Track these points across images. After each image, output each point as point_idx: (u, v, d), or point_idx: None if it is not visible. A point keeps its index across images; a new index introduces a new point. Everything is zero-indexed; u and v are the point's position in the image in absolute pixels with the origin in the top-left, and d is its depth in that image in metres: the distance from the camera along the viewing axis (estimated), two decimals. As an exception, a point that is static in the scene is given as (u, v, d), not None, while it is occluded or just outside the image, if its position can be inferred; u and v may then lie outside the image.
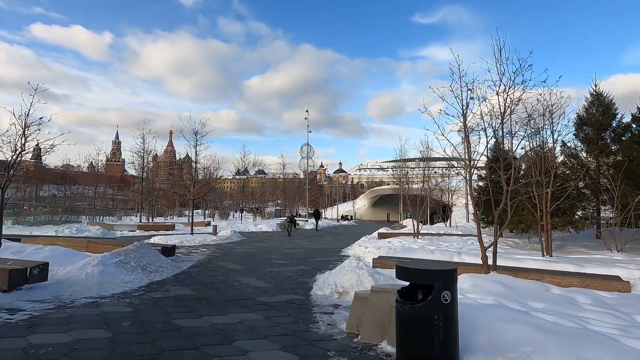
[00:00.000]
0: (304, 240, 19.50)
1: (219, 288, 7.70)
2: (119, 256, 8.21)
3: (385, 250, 11.82)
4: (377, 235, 19.21)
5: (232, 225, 27.30)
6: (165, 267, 9.06)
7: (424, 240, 15.81)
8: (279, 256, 12.92)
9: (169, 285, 7.83)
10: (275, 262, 11.55)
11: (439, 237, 17.66)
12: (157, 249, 10.42)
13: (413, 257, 10.61)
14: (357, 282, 7.31)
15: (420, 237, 16.72)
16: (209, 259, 11.83)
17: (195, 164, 18.36)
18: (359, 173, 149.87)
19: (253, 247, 15.91)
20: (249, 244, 17.31)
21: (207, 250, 14.37)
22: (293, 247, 16.22)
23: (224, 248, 15.21)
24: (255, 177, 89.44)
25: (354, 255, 13.33)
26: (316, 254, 13.71)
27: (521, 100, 8.03)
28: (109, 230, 20.76)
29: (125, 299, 6.61)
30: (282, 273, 9.58)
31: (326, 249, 15.47)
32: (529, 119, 10.50)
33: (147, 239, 17.24)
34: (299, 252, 14.34)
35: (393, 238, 17.05)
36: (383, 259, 9.66)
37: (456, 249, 13.47)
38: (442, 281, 3.59)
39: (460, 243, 15.96)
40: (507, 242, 17.60)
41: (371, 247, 13.59)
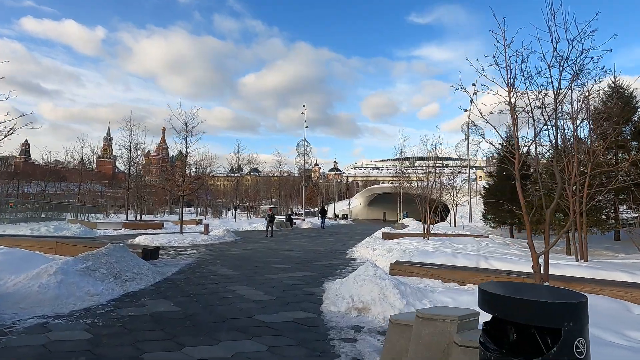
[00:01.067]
0: (303, 241, 18.08)
1: (208, 302, 6.26)
2: (85, 262, 6.73)
3: (399, 254, 10.46)
4: (382, 236, 17.86)
5: (225, 223, 25.80)
6: (144, 274, 7.60)
7: (435, 242, 14.48)
8: (278, 259, 11.50)
9: (147, 298, 6.36)
10: (275, 266, 10.12)
11: (450, 238, 16.35)
12: (137, 251, 8.94)
13: (434, 262, 9.26)
14: (380, 295, 5.91)
15: (430, 238, 15.39)
16: (198, 263, 10.37)
17: (185, 157, 16.86)
18: (353, 172, 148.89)
19: (248, 248, 14.46)
20: (244, 244, 15.85)
21: (197, 251, 12.89)
22: (292, 248, 14.80)
23: (216, 249, 13.74)
24: (249, 175, 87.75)
25: (361, 258, 11.96)
26: (319, 257, 12.31)
27: (582, 72, 6.62)
28: (92, 228, 19.17)
29: (86, 318, 5.15)
30: (284, 281, 8.15)
31: (329, 251, 14.07)
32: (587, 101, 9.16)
33: (132, 239, 15.72)
34: (299, 254, 12.93)
35: (401, 239, 15.70)
36: (402, 265, 8.29)
37: (473, 251, 12.17)
38: (573, 322, 2.18)
39: (475, 245, 14.67)
40: (522, 243, 16.35)
41: (380, 249, 12.21)
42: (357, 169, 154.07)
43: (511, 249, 14.21)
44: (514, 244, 16.01)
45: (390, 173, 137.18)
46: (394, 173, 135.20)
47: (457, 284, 7.48)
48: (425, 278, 7.76)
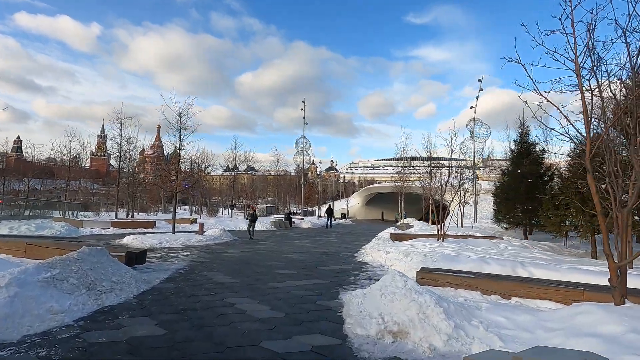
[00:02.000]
0: (305, 242, 16.84)
1: (203, 321, 5.02)
2: (51, 269, 5.46)
3: (419, 258, 9.26)
4: (390, 237, 16.66)
5: (221, 223, 24.50)
6: (126, 283, 6.34)
7: (451, 244, 13.31)
8: (281, 263, 10.26)
9: (126, 316, 5.11)
10: (278, 272, 8.89)
11: (464, 240, 15.19)
12: (119, 254, 7.67)
13: (463, 268, 8.07)
14: (420, 315, 4.70)
15: (445, 240, 14.21)
16: (191, 268, 9.10)
17: (179, 150, 15.57)
18: (350, 171, 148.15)
19: (247, 249, 13.21)
20: (242, 245, 14.59)
21: (191, 253, 11.62)
22: (295, 250, 13.56)
23: (211, 251, 12.48)
24: (246, 174, 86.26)
25: (374, 262, 10.76)
26: (327, 261, 11.08)
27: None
28: (77, 227, 17.82)
29: (41, 348, 3.90)
30: (292, 291, 6.92)
31: (336, 254, 12.85)
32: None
33: (120, 239, 14.42)
34: (304, 257, 11.70)
35: (412, 241, 14.51)
36: (431, 273, 7.07)
37: (496, 254, 11.01)
38: None
39: (494, 247, 13.51)
40: (541, 246, 15.22)
41: (394, 252, 11.01)
42: (354, 168, 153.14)
43: (533, 252, 13.06)
44: (533, 247, 14.87)
45: (388, 173, 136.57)
46: (392, 172, 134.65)
47: (500, 296, 6.28)
48: (461, 289, 6.56)
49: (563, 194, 13.83)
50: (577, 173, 13.33)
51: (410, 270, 8.77)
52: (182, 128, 15.65)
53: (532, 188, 17.95)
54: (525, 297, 6.09)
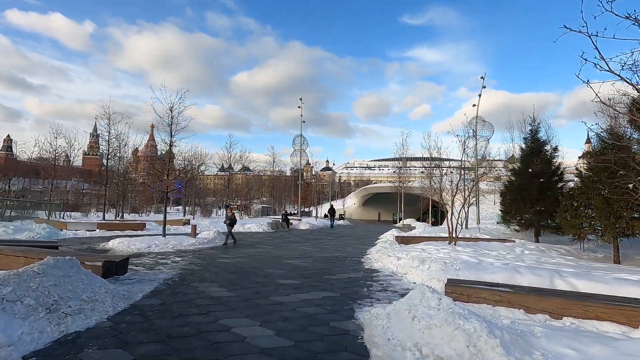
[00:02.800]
0: (305, 245, 15.77)
1: (192, 354, 3.96)
2: (2, 287, 4.36)
3: (439, 266, 8.23)
4: (396, 240, 15.66)
5: (216, 224, 23.34)
6: (100, 301, 5.25)
7: (465, 248, 12.32)
8: (282, 270, 9.20)
9: (93, 347, 4.03)
10: (281, 282, 7.83)
11: (475, 243, 14.23)
12: (95, 264, 6.57)
13: (492, 278, 7.07)
14: (472, 350, 3.67)
15: (457, 243, 13.20)
16: (181, 277, 8.01)
17: (170, 146, 14.44)
18: (346, 171, 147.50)
19: (243, 254, 12.12)
20: (238, 249, 13.50)
21: (182, 259, 10.52)
22: (296, 254, 12.49)
23: (204, 256, 11.38)
24: (241, 174, 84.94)
25: (384, 270, 9.73)
26: (332, 267, 10.03)
27: None
28: (60, 229, 16.60)
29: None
30: (299, 308, 5.87)
31: (340, 259, 11.80)
32: None
33: (105, 242, 13.27)
34: (306, 263, 10.64)
35: (421, 244, 13.50)
36: (461, 287, 6.04)
37: (517, 260, 10.04)
38: None
39: (510, 251, 12.57)
40: (557, 249, 14.31)
41: (406, 258, 9.99)
42: (349, 168, 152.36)
43: (554, 256, 12.12)
44: (549, 250, 13.95)
45: (384, 173, 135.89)
46: (388, 173, 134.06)
47: (548, 316, 5.28)
48: (500, 306, 5.55)
49: (583, 194, 12.94)
50: (598, 172, 12.44)
51: (430, 280, 7.76)
52: (173, 123, 14.53)
53: (544, 188, 17.07)
54: (580, 318, 5.09)
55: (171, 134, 14.55)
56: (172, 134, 14.55)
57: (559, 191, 17.40)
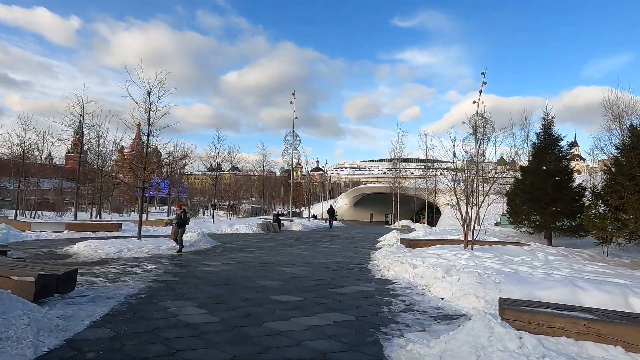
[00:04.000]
0: (300, 249, 14.11)
1: None
2: None
3: (474, 278, 6.67)
4: (401, 243, 14.12)
5: (201, 225, 21.50)
6: (14, 338, 3.56)
7: (485, 252, 10.82)
8: (277, 282, 7.55)
9: None
10: (277, 298, 6.19)
11: (491, 247, 12.76)
12: (25, 280, 4.83)
13: (548, 296, 5.55)
14: None
15: (473, 247, 11.68)
16: (150, 293, 6.30)
17: (148, 136, 12.66)
18: (336, 172, 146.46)
19: (230, 260, 10.43)
20: (224, 254, 11.79)
21: (156, 267, 8.78)
22: (291, 260, 10.84)
23: (184, 263, 9.66)
24: (230, 174, 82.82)
25: (398, 279, 8.15)
26: (335, 277, 8.41)
27: None
28: (22, 230, 14.66)
29: None
30: (305, 343, 4.23)
31: (343, 266, 10.18)
32: None
33: (69, 246, 11.45)
34: (305, 271, 9.00)
35: (433, 248, 11.92)
36: (527, 312, 4.44)
37: (545, 266, 8.58)
38: None
39: (533, 257, 11.13)
40: (580, 254, 12.94)
41: (424, 266, 8.44)
42: (339, 169, 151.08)
43: (584, 262, 10.70)
44: (572, 255, 12.57)
45: (374, 174, 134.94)
46: (379, 174, 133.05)
47: (660, 357, 3.74)
48: (586, 341, 3.99)
49: (614, 192, 11.57)
50: (631, 168, 11.09)
51: (464, 296, 6.21)
52: (151, 110, 12.77)
53: (559, 187, 15.74)
54: None
55: (149, 122, 12.78)
56: (150, 122, 12.77)
57: (575, 190, 16.12)
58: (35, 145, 22.99)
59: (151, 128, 12.80)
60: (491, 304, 5.69)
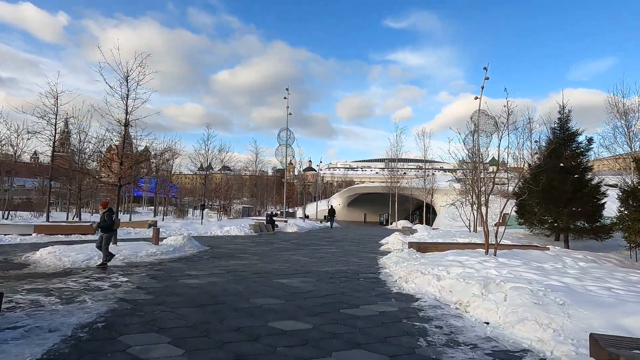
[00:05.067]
0: (299, 253, 12.64)
1: None
2: None
3: (525, 297, 5.28)
4: (410, 247, 12.75)
5: (189, 226, 19.90)
6: None
7: (510, 259, 9.48)
8: (276, 299, 6.09)
9: None
10: (278, 326, 4.73)
11: (510, 251, 11.43)
12: None
13: (637, 324, 4.19)
14: None
15: (496, 252, 10.31)
16: (107, 322, 4.78)
17: (125, 126, 11.08)
18: (329, 172, 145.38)
19: (219, 270, 8.93)
20: (212, 261, 10.29)
21: (128, 280, 7.26)
22: (290, 268, 9.37)
23: (164, 273, 8.14)
24: (220, 173, 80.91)
25: (421, 294, 6.75)
26: (347, 291, 6.96)
27: None
28: (-17, 233, 12.94)
29: None
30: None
31: (351, 275, 8.74)
32: None
33: (32, 252, 9.83)
34: (309, 284, 7.54)
35: (451, 254, 10.50)
36: None
37: (581, 274, 7.27)
38: None
39: (560, 264, 9.82)
40: (609, 259, 11.71)
41: (454, 278, 7.07)
42: (332, 169, 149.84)
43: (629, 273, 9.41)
44: (599, 259, 11.33)
45: (366, 174, 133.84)
46: (372, 174, 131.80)
47: None
48: None
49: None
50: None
51: (521, 322, 4.81)
52: (129, 97, 11.21)
53: (579, 185, 14.54)
54: None
55: (126, 111, 11.22)
56: (127, 110, 11.21)
57: (595, 189, 14.92)
58: (7, 140, 21.14)
59: (129, 117, 11.23)
60: (563, 335, 4.31)
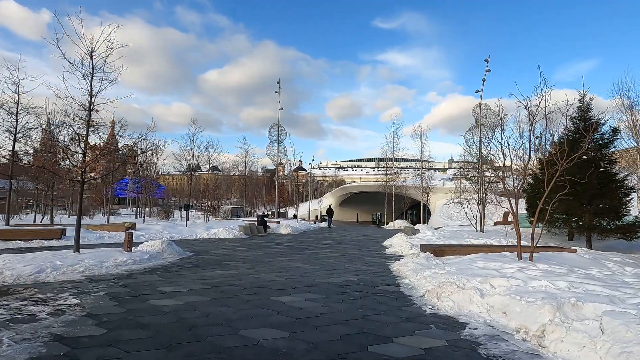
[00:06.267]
0: (297, 260, 10.96)
1: None
2: None
3: (637, 329, 3.81)
4: (423, 250, 11.22)
5: (172, 229, 18.03)
6: None
7: (550, 265, 7.96)
8: (277, 333, 4.41)
9: None
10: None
11: (539, 254, 9.93)
12: None
13: None
14: None
15: (531, 257, 8.79)
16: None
17: (89, 111, 9.27)
18: (319, 172, 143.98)
19: (202, 284, 7.21)
20: (195, 271, 8.56)
21: (78, 303, 5.50)
22: (290, 279, 7.70)
23: (130, 290, 6.39)
24: (208, 174, 78.66)
25: (463, 314, 5.16)
26: (368, 315, 5.32)
27: None
28: None
29: None
30: None
31: (366, 290, 7.11)
32: None
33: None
34: (315, 304, 5.88)
35: (479, 259, 8.94)
36: None
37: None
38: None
39: (604, 271, 8.37)
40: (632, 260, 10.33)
41: (502, 294, 5.52)
42: (322, 168, 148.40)
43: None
44: (627, 266, 9.92)
45: (357, 174, 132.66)
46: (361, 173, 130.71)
47: None
48: None
49: None
50: None
51: None
52: (94, 77, 9.41)
53: (606, 180, 13.18)
54: None
55: (91, 93, 9.40)
56: (92, 92, 9.40)
57: (622, 184, 13.58)
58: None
59: (94, 100, 9.42)
60: None
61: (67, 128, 9.75)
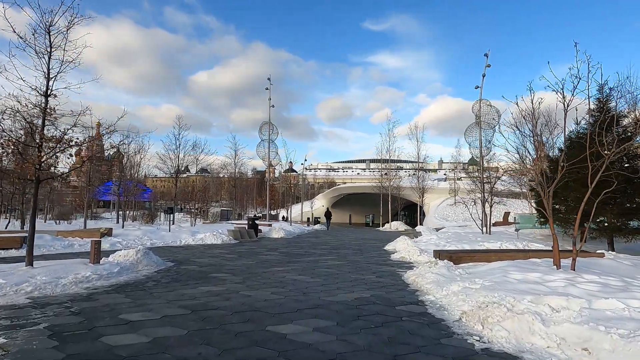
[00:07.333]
0: (295, 270, 9.51)
1: None
2: None
3: None
4: (438, 257, 9.89)
5: (154, 234, 16.36)
6: None
7: (599, 276, 6.70)
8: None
9: None
10: None
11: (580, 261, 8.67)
12: None
13: None
14: None
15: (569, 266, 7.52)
16: None
17: (46, 97, 7.75)
18: (310, 173, 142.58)
19: (178, 307, 5.74)
20: (171, 289, 7.07)
21: (6, 343, 3.99)
22: (290, 298, 6.28)
23: (77, 324, 4.88)
24: (197, 176, 76.65)
25: None
26: (401, 355, 3.94)
27: None
28: None
29: None
30: None
31: (387, 313, 5.72)
32: None
33: None
34: (329, 339, 4.47)
35: (512, 268, 7.63)
36: None
37: None
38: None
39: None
40: None
41: (570, 322, 4.20)
42: (313, 170, 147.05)
43: None
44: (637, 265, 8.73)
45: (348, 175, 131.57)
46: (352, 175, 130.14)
47: None
48: None
49: None
50: None
51: None
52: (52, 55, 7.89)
53: (630, 177, 12.03)
54: None
55: (48, 75, 7.88)
56: (49, 75, 7.88)
57: None
58: None
59: (52, 84, 7.89)
60: None
61: (18, 118, 8.08)
